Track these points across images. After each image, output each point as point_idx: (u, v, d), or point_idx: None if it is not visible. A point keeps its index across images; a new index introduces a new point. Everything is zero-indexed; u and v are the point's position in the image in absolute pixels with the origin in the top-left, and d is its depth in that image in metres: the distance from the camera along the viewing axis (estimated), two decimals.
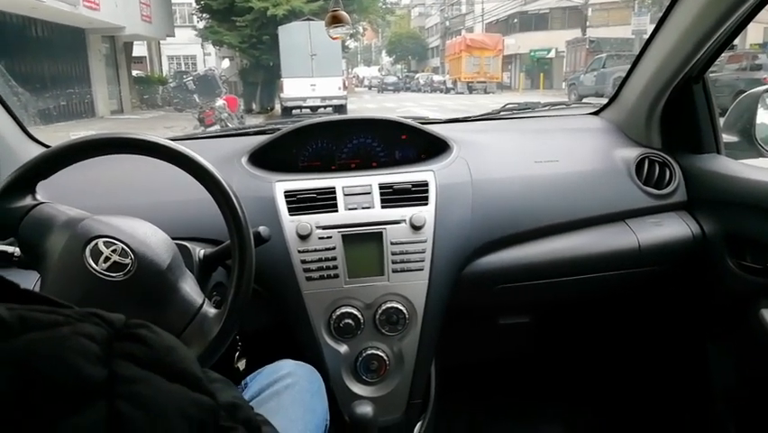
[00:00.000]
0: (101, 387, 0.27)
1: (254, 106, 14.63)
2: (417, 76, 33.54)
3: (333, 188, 1.18)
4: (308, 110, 12.56)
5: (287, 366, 1.00)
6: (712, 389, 1.34)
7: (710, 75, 1.38)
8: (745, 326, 1.17)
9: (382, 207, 1.17)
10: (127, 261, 0.81)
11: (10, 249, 0.87)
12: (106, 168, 1.19)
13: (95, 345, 0.29)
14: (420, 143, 1.33)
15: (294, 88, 12.62)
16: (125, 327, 0.32)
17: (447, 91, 26.17)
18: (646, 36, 1.36)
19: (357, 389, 1.15)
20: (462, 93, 24.53)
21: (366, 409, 0.97)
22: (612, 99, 1.54)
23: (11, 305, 0.29)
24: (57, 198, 0.88)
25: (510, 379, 1.82)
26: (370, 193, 1.18)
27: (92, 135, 0.86)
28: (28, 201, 0.85)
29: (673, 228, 1.28)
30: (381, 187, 1.19)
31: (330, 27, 1.52)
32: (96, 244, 0.80)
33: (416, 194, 1.18)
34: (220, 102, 7.17)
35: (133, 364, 0.29)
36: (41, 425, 0.25)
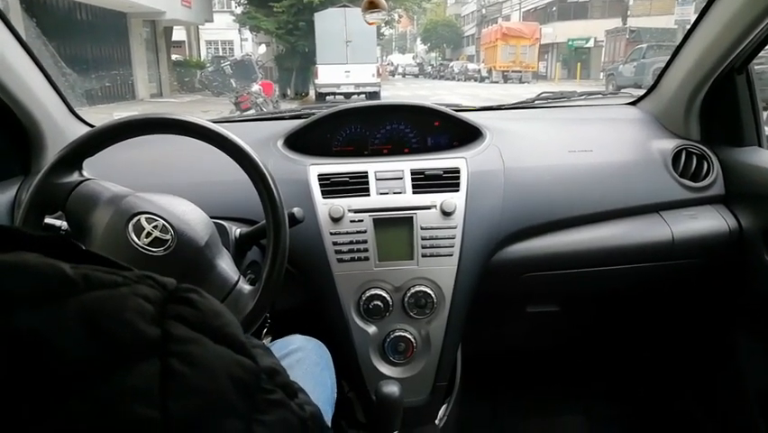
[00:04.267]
0: (155, 345, 0.29)
1: (289, 92, 14.72)
2: (452, 64, 33.18)
3: (366, 172, 1.20)
4: (342, 96, 12.57)
5: (296, 341, 1.03)
6: (745, 388, 1.32)
7: (756, 67, 1.34)
8: None
9: (413, 192, 1.18)
10: (168, 237, 0.84)
11: (58, 223, 0.91)
12: (149, 148, 1.24)
13: (150, 305, 0.31)
14: (453, 130, 1.34)
15: (328, 75, 12.65)
16: (177, 290, 0.34)
17: (482, 80, 25.85)
18: (689, 26, 1.33)
19: (384, 369, 1.17)
20: (497, 82, 24.21)
21: (393, 389, 0.99)
22: (651, 89, 1.51)
23: (75, 265, 0.31)
24: (102, 175, 0.91)
25: (535, 368, 1.82)
26: (401, 178, 1.20)
27: (136, 115, 0.90)
28: (75, 177, 0.88)
29: (709, 222, 1.26)
30: (413, 172, 1.20)
31: (366, 12, 1.53)
32: (139, 219, 0.84)
33: (447, 180, 1.19)
34: (256, 87, 7.25)
35: (184, 326, 0.31)
36: (102, 375, 0.27)
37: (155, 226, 0.84)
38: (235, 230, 1.02)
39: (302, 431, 0.37)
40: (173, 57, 16.63)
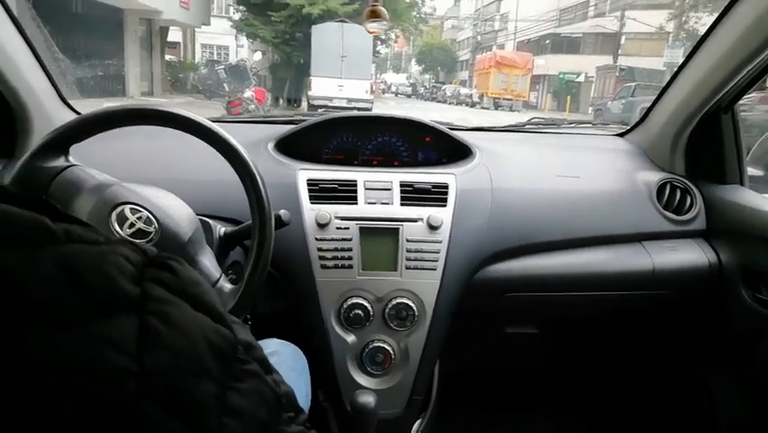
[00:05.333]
0: (133, 301, 0.30)
1: (281, 102, 14.74)
2: (445, 87, 33.51)
3: (355, 181, 1.20)
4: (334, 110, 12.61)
5: (272, 345, 1.02)
6: (716, 421, 1.33)
7: (740, 114, 1.38)
8: (754, 359, 1.17)
9: (401, 204, 1.18)
10: (151, 229, 0.83)
11: None
12: (139, 141, 1.23)
13: (130, 265, 0.31)
14: (443, 147, 1.35)
15: (322, 87, 12.71)
16: (157, 256, 0.34)
17: (473, 105, 26.11)
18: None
19: (361, 379, 1.16)
20: (488, 108, 24.47)
21: (368, 400, 0.98)
22: (639, 123, 1.54)
23: (57, 221, 0.31)
24: (89, 164, 0.90)
25: (511, 390, 1.82)
26: (390, 189, 1.20)
27: (128, 105, 0.89)
28: (61, 162, 0.87)
29: (690, 255, 1.28)
30: (402, 184, 1.21)
31: (367, 21, 1.54)
32: (123, 210, 0.83)
33: (435, 195, 1.20)
34: (248, 93, 7.25)
35: (163, 288, 0.32)
36: (80, 321, 0.27)
37: (139, 218, 0.83)
38: (220, 228, 1.02)
39: (276, 406, 0.37)
40: (167, 57, 16.57)
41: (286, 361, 1.00)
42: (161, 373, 0.29)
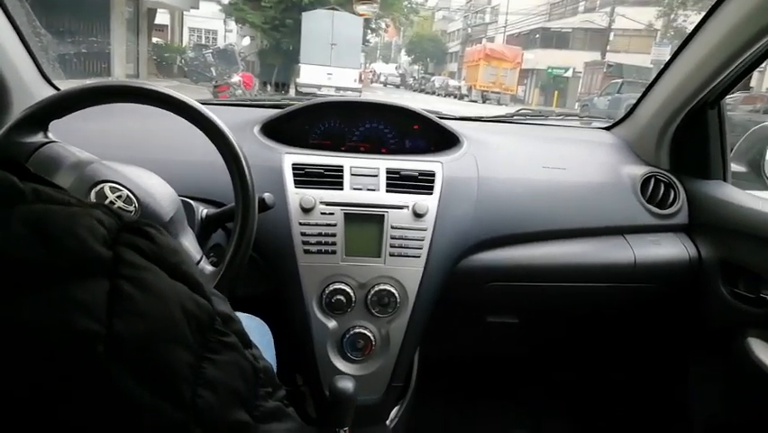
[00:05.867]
0: (105, 265, 0.29)
1: (269, 88, 14.61)
2: (434, 78, 33.44)
3: (341, 166, 1.19)
4: None
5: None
6: (692, 414, 1.35)
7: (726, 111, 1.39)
8: (730, 353, 1.18)
9: (387, 190, 1.17)
10: (131, 208, 0.82)
11: None
12: (121, 119, 1.21)
13: (103, 228, 0.30)
14: (431, 135, 1.34)
15: (310, 75, 12.62)
16: (134, 222, 0.33)
17: (461, 97, 26.11)
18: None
19: (340, 365, 1.16)
20: (476, 101, 24.51)
21: (347, 385, 0.97)
22: (625, 116, 1.55)
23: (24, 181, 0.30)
24: (69, 141, 0.88)
25: (490, 379, 1.83)
26: (376, 176, 1.19)
27: (110, 81, 0.87)
28: (39, 138, 0.85)
29: (671, 249, 1.29)
30: (388, 171, 1.20)
31: (357, 3, 1.52)
32: (102, 188, 0.81)
33: (421, 182, 1.19)
34: (236, 78, 7.16)
35: (138, 254, 0.31)
36: (48, 282, 0.26)
37: (119, 196, 0.82)
38: (202, 210, 1.00)
39: (255, 380, 0.37)
40: (154, 40, 16.30)
41: (251, 335, 0.99)
42: (132, 338, 0.28)
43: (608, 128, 1.60)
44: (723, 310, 1.22)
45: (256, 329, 1.02)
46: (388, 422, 1.26)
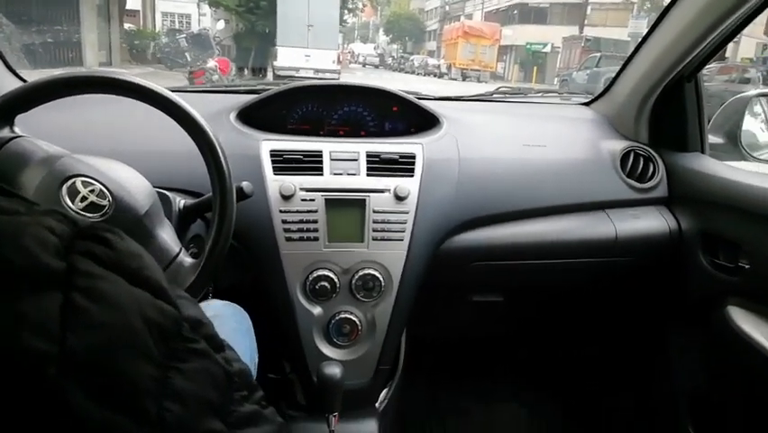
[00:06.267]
0: (57, 278, 0.27)
1: (246, 72, 14.40)
2: (412, 57, 33.23)
3: (321, 151, 1.17)
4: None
5: (213, 307, 1.00)
6: (674, 386, 1.37)
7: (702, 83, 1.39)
8: (711, 323, 1.20)
9: (368, 174, 1.16)
10: (105, 202, 0.80)
11: None
12: (91, 111, 1.17)
13: (55, 238, 0.28)
14: (411, 117, 1.33)
15: (288, 57, 12.44)
16: (90, 228, 0.31)
17: (441, 76, 26.01)
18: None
19: (327, 351, 1.16)
20: (456, 79, 24.42)
21: (335, 371, 0.97)
22: (604, 92, 1.55)
23: None
24: (36, 135, 0.86)
25: (476, 357, 1.85)
26: (356, 160, 1.18)
27: (79, 71, 0.84)
28: (5, 133, 0.82)
29: (651, 222, 1.31)
30: (369, 155, 1.19)
31: None
32: (74, 182, 0.79)
33: (402, 165, 1.18)
34: (212, 63, 7.04)
35: (94, 262, 0.29)
36: None
37: (91, 191, 0.79)
38: (179, 201, 0.98)
39: (228, 386, 0.35)
40: (126, 26, 15.93)
41: (228, 322, 0.98)
42: (87, 353, 0.26)
43: (587, 104, 1.60)
44: (703, 281, 1.23)
45: (234, 316, 1.01)
46: (377, 405, 1.27)
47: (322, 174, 1.15)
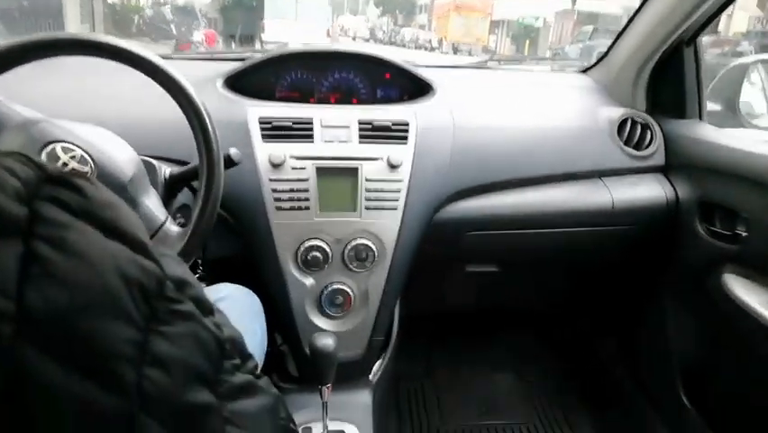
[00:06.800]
0: (16, 225, 0.23)
1: (233, 46, 14.15)
2: (403, 31, 32.77)
3: (311, 118, 1.14)
4: None
5: (224, 289, 0.98)
6: (669, 353, 1.37)
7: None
8: (707, 291, 1.20)
9: (360, 142, 1.13)
10: (86, 169, 0.76)
11: None
12: (71, 78, 1.13)
13: (15, 180, 0.24)
14: (403, 84, 1.29)
15: (276, 31, 12.21)
16: (60, 173, 0.27)
17: (432, 50, 25.68)
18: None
19: (320, 322, 1.14)
20: (447, 53, 24.18)
21: (327, 342, 0.95)
22: (601, 59, 1.52)
23: None
24: (19, 102, 0.82)
25: (471, 327, 1.85)
26: (348, 127, 1.14)
27: (58, 33, 0.80)
28: None
29: (648, 190, 1.29)
30: (361, 123, 1.15)
31: None
32: (54, 148, 0.75)
33: (395, 133, 1.15)
34: (198, 35, 6.90)
35: (62, 210, 0.25)
36: None
37: (72, 157, 0.76)
38: (165, 169, 0.95)
39: (219, 353, 0.31)
40: (109, 0, 15.56)
41: (238, 305, 0.96)
42: (51, 312, 0.22)
43: (583, 71, 1.57)
44: (700, 248, 1.22)
45: (243, 299, 0.98)
46: (370, 377, 1.26)
47: (312, 142, 1.11)
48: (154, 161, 0.94)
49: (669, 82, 1.35)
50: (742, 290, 1.10)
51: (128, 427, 0.24)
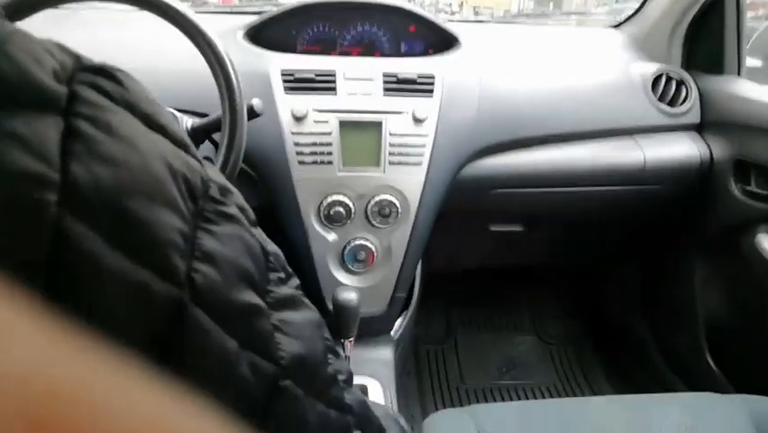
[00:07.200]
0: (56, 101, 0.21)
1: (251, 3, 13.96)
2: None
3: (334, 71, 1.11)
4: None
5: None
6: (698, 313, 1.35)
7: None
8: (739, 251, 1.16)
9: (384, 95, 1.10)
10: None
11: None
12: (93, 29, 1.12)
13: (54, 60, 0.22)
14: (429, 37, 1.25)
15: None
16: (96, 63, 0.25)
17: (452, 14, 25.16)
18: None
19: (342, 277, 1.13)
20: (468, 19, 23.66)
21: (350, 296, 0.95)
22: (635, 12, 1.45)
23: None
24: None
25: (493, 286, 1.84)
26: (372, 80, 1.11)
27: None
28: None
29: (682, 148, 1.24)
30: (385, 75, 1.12)
31: None
32: None
33: (420, 86, 1.11)
34: None
35: (102, 95, 0.23)
36: None
37: None
38: (187, 120, 0.94)
39: (265, 263, 0.30)
40: None
41: None
42: (99, 189, 0.21)
43: (616, 26, 1.50)
44: (733, 208, 1.18)
45: None
46: (392, 333, 1.26)
47: (336, 94, 1.09)
48: (176, 113, 0.92)
49: (707, 36, 1.29)
50: None
51: (178, 315, 0.23)
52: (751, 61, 1.32)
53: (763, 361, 1.20)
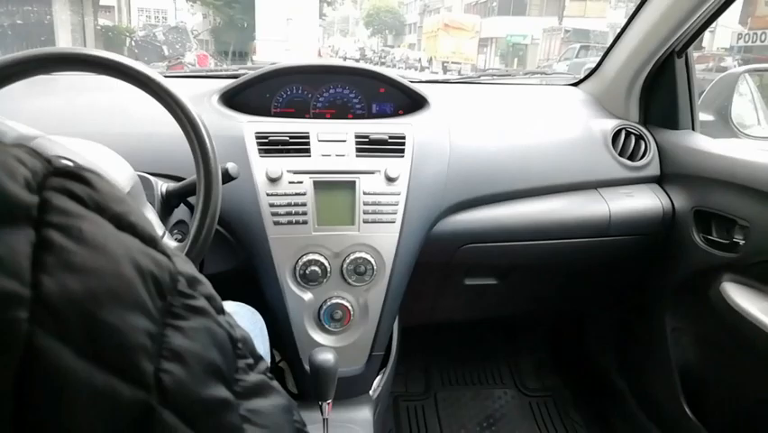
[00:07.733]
0: (28, 212, 0.22)
1: (226, 65, 14.22)
2: (393, 51, 33.12)
3: (308, 133, 1.14)
4: None
5: (227, 307, 0.96)
6: (671, 362, 1.36)
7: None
8: (706, 299, 1.19)
9: (357, 156, 1.13)
10: None
11: None
12: (66, 95, 1.13)
13: (25, 169, 0.23)
14: (398, 98, 1.29)
15: (267, 52, 12.31)
16: (66, 166, 0.26)
17: (422, 69, 25.92)
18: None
19: (319, 337, 1.12)
20: (437, 73, 24.41)
21: (327, 357, 0.94)
22: (593, 72, 1.53)
23: None
24: (15, 120, 0.81)
25: (470, 341, 1.84)
26: (345, 141, 1.14)
27: (50, 48, 0.80)
28: None
29: (644, 200, 1.29)
30: (357, 136, 1.15)
31: None
32: None
33: (392, 146, 1.15)
34: (191, 57, 6.93)
35: (72, 200, 0.24)
36: None
37: None
38: (162, 185, 0.94)
39: (233, 351, 0.30)
40: (101, 22, 15.63)
41: (242, 322, 0.95)
42: (67, 300, 0.21)
43: (575, 84, 1.58)
44: (698, 257, 1.22)
45: (246, 316, 0.97)
46: (371, 392, 1.24)
47: (310, 156, 1.11)
48: (151, 177, 0.93)
49: (661, 93, 1.36)
50: (741, 297, 1.10)
51: (147, 419, 0.23)
52: (704, 116, 1.39)
53: (739, 408, 1.22)
